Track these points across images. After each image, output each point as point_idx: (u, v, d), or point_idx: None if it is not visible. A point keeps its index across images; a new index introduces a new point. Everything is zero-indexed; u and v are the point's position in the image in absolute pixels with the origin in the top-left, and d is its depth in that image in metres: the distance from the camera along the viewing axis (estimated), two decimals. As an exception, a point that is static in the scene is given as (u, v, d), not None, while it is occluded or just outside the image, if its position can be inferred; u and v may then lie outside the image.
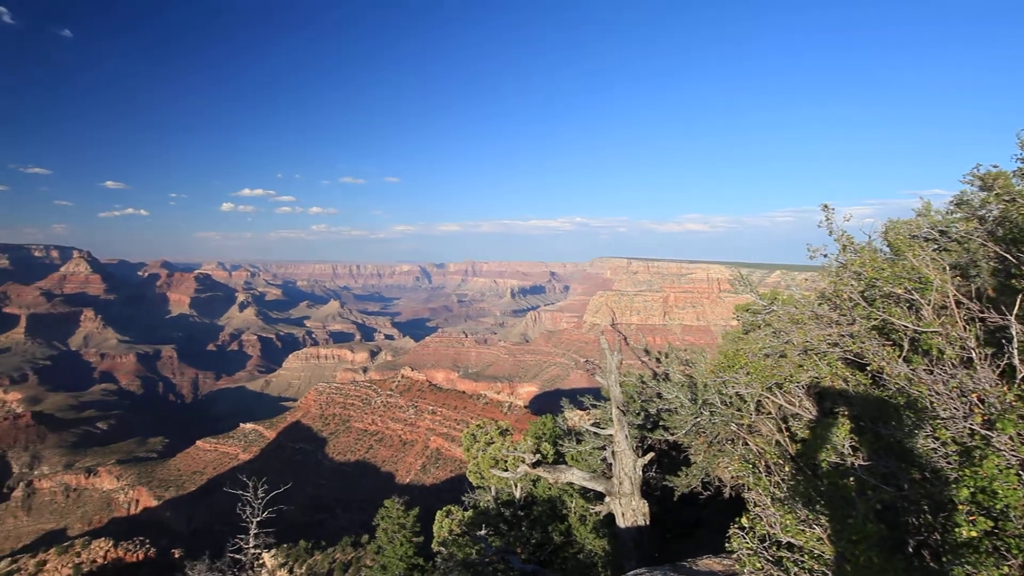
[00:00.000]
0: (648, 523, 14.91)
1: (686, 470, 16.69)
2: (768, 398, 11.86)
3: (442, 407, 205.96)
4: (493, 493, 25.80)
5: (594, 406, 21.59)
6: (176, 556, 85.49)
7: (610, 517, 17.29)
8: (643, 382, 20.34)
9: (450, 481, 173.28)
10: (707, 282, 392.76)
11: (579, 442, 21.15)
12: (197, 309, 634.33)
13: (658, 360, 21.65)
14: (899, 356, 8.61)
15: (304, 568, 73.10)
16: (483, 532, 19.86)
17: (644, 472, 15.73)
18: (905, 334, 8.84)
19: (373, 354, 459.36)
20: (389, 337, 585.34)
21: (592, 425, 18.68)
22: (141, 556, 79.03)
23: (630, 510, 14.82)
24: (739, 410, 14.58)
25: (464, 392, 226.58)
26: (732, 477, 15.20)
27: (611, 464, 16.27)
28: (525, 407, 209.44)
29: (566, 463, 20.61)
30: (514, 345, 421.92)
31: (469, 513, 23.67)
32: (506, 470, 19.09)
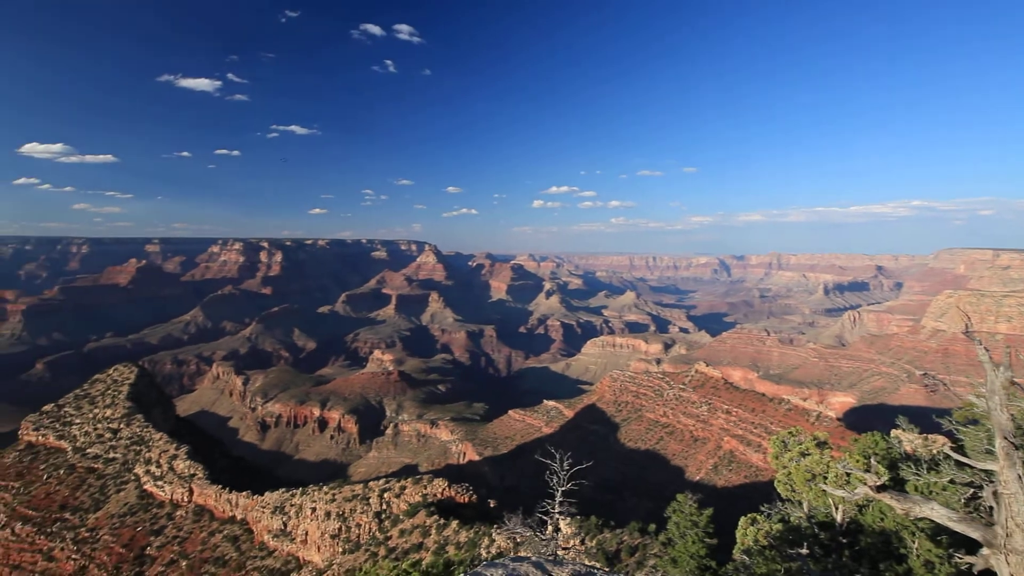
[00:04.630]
0: (1052, 597, 10.97)
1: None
2: None
3: (738, 407, 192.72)
4: (805, 509, 22.84)
5: (956, 432, 17.07)
6: (492, 506, 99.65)
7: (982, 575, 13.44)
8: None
9: (744, 487, 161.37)
10: None
11: (930, 471, 17.02)
12: (512, 295, 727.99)
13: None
14: None
15: (595, 542, 76.77)
16: (804, 551, 17.59)
17: (1045, 527, 11.63)
18: None
19: (667, 346, 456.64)
20: (684, 330, 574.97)
21: (954, 452, 14.75)
22: (467, 499, 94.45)
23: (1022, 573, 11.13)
24: None
25: (763, 394, 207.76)
26: None
27: (991, 508, 12.51)
28: (838, 419, 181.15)
29: (906, 492, 16.83)
30: (826, 348, 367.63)
31: (778, 526, 21.34)
32: (830, 485, 16.51)
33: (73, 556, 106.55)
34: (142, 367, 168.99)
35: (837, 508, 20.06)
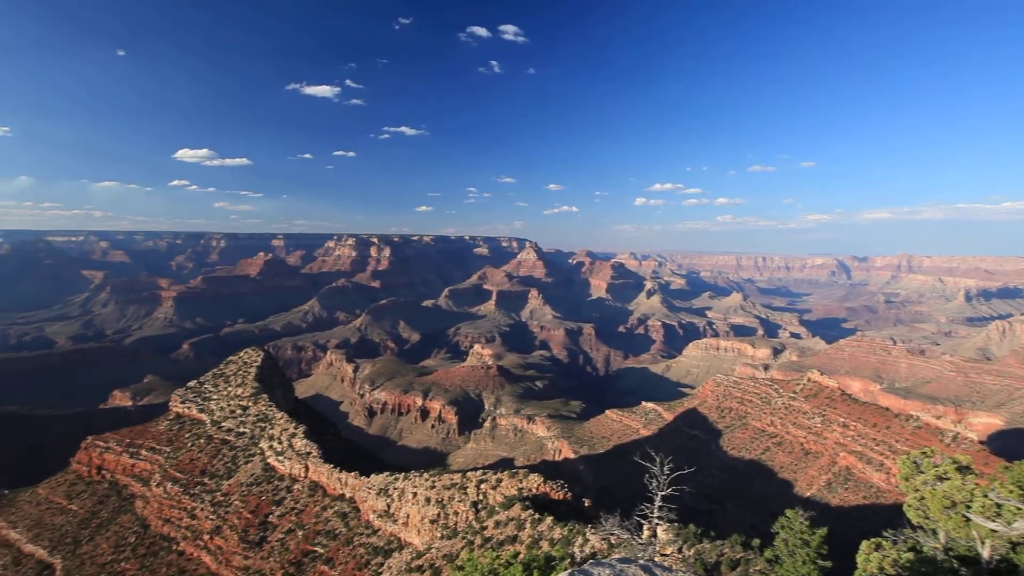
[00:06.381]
0: None
1: None
2: None
3: (856, 421, 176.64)
4: (942, 540, 20.48)
5: None
6: (586, 504, 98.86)
7: None
8: None
9: (862, 508, 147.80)
10: None
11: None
12: (611, 294, 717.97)
13: None
14: None
15: (692, 552, 73.56)
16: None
17: None
18: None
19: (776, 351, 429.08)
20: (795, 335, 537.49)
21: None
22: (561, 496, 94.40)
23: None
24: None
25: (887, 409, 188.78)
26: None
27: None
28: (980, 443, 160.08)
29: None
30: (967, 361, 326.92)
31: (908, 555, 19.26)
32: (977, 515, 14.72)
33: (210, 516, 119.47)
34: (267, 351, 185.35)
35: (983, 543, 17.78)
